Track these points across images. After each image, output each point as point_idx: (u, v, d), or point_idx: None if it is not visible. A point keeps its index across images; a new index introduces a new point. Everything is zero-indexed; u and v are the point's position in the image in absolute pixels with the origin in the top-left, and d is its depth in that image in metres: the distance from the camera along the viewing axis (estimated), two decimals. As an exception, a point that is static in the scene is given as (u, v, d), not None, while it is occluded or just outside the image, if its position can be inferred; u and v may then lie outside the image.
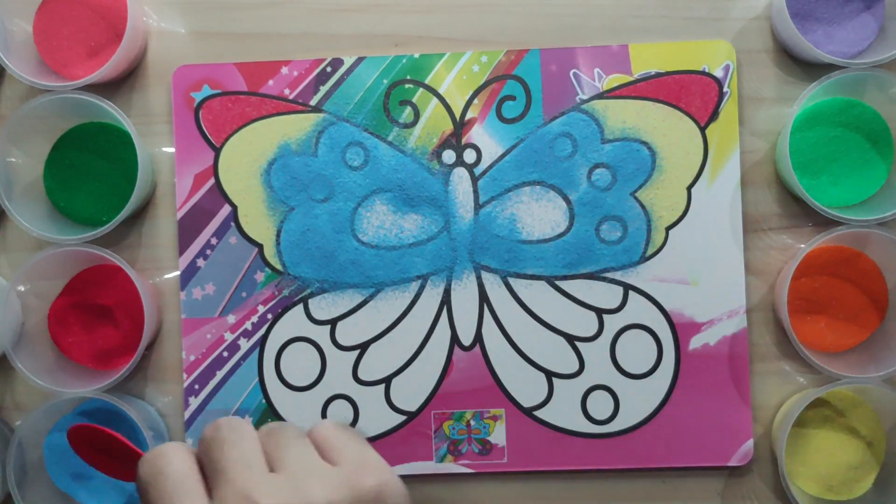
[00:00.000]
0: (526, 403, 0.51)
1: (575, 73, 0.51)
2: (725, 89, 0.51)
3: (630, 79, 0.51)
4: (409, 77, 0.51)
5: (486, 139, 0.51)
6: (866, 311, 0.51)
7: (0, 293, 0.49)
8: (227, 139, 0.51)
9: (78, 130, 0.52)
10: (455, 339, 0.51)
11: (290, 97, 0.51)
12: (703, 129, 0.51)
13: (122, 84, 0.53)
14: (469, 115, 0.51)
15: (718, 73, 0.51)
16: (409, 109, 0.51)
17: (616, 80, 0.51)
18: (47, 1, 0.52)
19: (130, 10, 0.49)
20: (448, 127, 0.51)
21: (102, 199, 0.52)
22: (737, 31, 0.52)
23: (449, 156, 0.51)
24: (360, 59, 0.51)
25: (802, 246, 0.50)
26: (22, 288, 0.50)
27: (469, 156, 0.51)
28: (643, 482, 0.51)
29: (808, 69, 0.52)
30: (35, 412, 0.49)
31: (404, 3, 0.52)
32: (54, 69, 0.52)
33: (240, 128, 0.51)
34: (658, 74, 0.51)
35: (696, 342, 0.50)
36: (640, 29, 0.52)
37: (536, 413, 0.51)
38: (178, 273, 0.52)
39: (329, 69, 0.51)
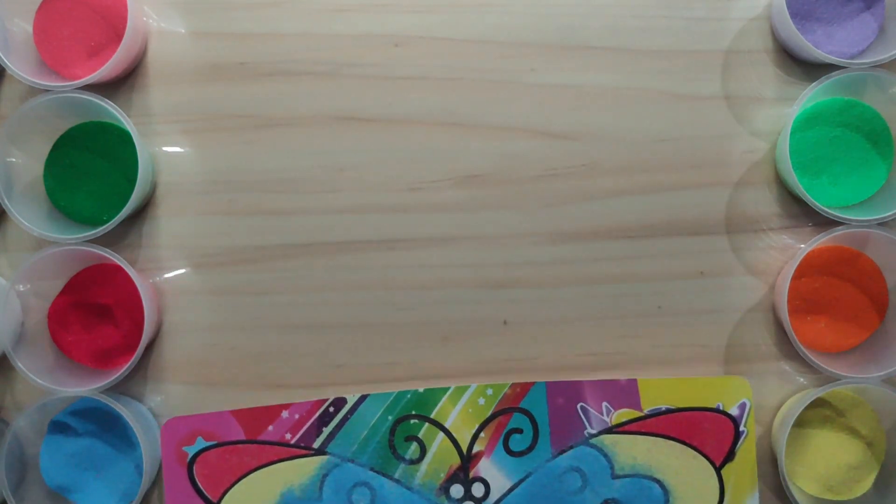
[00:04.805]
0: None
1: (582, 407, 0.49)
2: (742, 428, 0.49)
3: (640, 414, 0.49)
4: (414, 412, 0.50)
5: (495, 472, 0.50)
6: (866, 311, 0.51)
7: (0, 293, 0.49)
8: (224, 493, 0.49)
9: (78, 130, 0.52)
10: None
11: (292, 442, 0.50)
12: (718, 470, 0.49)
13: (122, 84, 0.53)
14: (476, 449, 0.50)
15: (734, 412, 0.49)
16: (415, 445, 0.50)
17: (625, 414, 0.49)
18: (47, 1, 0.52)
19: (130, 10, 0.49)
20: (455, 461, 0.50)
21: (102, 198, 0.52)
22: (737, 31, 0.52)
23: (457, 490, 0.50)
24: (363, 398, 0.50)
25: (802, 246, 0.50)
26: (22, 287, 0.50)
27: (477, 490, 0.50)
28: None
29: (808, 69, 0.52)
30: (28, 412, 0.49)
31: (404, 3, 0.52)
32: (54, 69, 0.52)
33: (238, 479, 0.49)
34: (669, 410, 0.49)
35: None
36: (639, 29, 0.52)
37: None
38: (178, 272, 0.52)
39: (332, 409, 0.50)
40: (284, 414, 0.50)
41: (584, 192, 0.52)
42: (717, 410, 0.49)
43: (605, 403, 0.49)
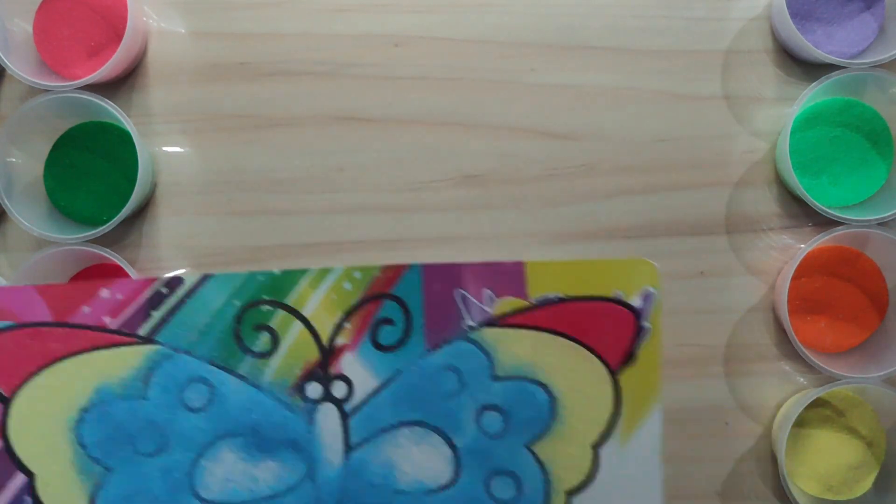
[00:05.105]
0: None
1: (461, 294, 0.41)
2: (645, 324, 0.40)
3: (525, 304, 0.41)
4: (266, 297, 0.42)
5: (359, 369, 0.41)
6: (866, 311, 0.51)
7: (0, 293, 0.49)
8: (20, 386, 0.40)
9: (78, 130, 0.52)
10: None
11: (113, 327, 0.41)
12: (614, 374, 0.41)
13: (122, 84, 0.53)
14: (339, 341, 0.41)
15: (635, 302, 0.40)
16: (266, 335, 0.41)
17: (509, 304, 0.41)
18: (47, 1, 0.52)
19: (130, 10, 0.49)
20: (314, 355, 0.41)
21: (103, 198, 0.52)
22: (737, 31, 0.52)
23: (314, 389, 0.42)
24: (205, 277, 0.42)
25: (802, 246, 0.50)
26: (22, 288, 0.50)
27: (338, 389, 0.42)
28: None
29: (808, 69, 0.52)
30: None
31: (404, 3, 0.52)
32: (54, 69, 0.52)
33: (41, 369, 0.41)
34: (560, 300, 0.40)
35: None
36: (639, 29, 0.52)
37: None
38: (179, 272, 0.52)
39: (165, 290, 0.41)
40: (104, 293, 0.40)
41: (584, 192, 0.52)
42: (613, 300, 0.40)
43: (486, 290, 0.41)
